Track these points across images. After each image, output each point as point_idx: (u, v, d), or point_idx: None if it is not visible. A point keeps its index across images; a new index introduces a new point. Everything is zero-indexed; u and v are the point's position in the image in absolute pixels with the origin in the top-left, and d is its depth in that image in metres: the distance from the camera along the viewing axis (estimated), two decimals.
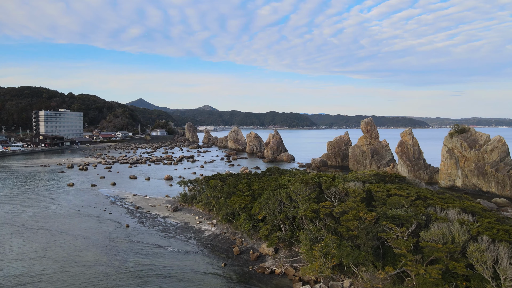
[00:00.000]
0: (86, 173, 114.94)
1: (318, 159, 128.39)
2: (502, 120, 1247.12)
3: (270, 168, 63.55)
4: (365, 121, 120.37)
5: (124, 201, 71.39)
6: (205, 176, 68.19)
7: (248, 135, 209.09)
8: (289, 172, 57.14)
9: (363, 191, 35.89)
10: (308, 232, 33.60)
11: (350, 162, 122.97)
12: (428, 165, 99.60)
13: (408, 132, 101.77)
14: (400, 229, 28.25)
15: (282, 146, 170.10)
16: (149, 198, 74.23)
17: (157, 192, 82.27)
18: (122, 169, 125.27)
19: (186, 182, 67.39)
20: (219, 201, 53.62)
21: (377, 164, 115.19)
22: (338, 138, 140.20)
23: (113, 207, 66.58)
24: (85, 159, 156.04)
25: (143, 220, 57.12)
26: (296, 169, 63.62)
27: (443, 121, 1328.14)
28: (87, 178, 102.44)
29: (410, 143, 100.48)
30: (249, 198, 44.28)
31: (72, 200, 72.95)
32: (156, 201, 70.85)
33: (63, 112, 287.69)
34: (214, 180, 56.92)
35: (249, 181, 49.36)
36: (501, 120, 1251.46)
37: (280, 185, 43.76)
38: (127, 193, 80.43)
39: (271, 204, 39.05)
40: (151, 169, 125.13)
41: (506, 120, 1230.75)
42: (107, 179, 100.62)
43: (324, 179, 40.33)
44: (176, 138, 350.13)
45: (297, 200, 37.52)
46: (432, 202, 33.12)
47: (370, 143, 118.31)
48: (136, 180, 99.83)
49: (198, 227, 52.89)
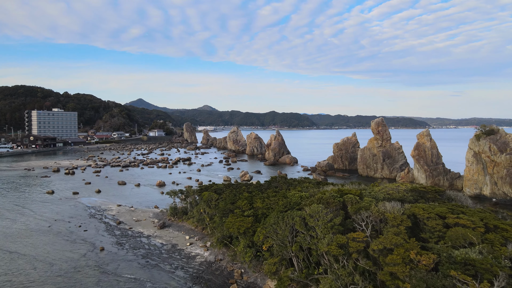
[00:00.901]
0: (71, 178, 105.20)
1: (324, 163, 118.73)
2: (503, 120, 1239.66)
3: (275, 177, 53.59)
4: (376, 122, 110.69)
5: (106, 214, 61.69)
6: (198, 187, 58.59)
7: (248, 136, 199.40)
8: (299, 184, 47.36)
9: (406, 217, 26.29)
10: (334, 277, 24.10)
11: (359, 166, 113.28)
12: (448, 170, 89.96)
13: (426, 133, 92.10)
14: (480, 285, 18.66)
15: (284, 147, 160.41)
16: (134, 210, 64.52)
17: (145, 202, 72.64)
18: (112, 173, 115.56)
19: (177, 192, 57.70)
20: (214, 219, 43.97)
21: (389, 169, 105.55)
22: (345, 140, 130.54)
23: (91, 221, 56.90)
24: (75, 162, 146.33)
25: (122, 241, 47.43)
26: (306, 179, 53.69)
27: (444, 121, 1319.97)
28: (70, 184, 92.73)
29: (428, 146, 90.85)
30: (250, 219, 34.63)
31: (45, 212, 63.25)
32: (142, 214, 61.12)
33: (56, 112, 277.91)
34: (208, 193, 47.25)
35: (251, 196, 39.74)
36: (501, 121, 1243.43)
37: (291, 203, 34.10)
38: (111, 203, 70.72)
39: (280, 231, 29.43)
40: (143, 173, 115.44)
41: (507, 120, 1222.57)
42: (92, 186, 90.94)
43: (349, 197, 30.67)
44: (174, 138, 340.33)
45: (315, 227, 27.90)
46: (509, 235, 23.63)
47: (382, 145, 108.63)
48: (124, 187, 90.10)
49: (188, 251, 43.22)
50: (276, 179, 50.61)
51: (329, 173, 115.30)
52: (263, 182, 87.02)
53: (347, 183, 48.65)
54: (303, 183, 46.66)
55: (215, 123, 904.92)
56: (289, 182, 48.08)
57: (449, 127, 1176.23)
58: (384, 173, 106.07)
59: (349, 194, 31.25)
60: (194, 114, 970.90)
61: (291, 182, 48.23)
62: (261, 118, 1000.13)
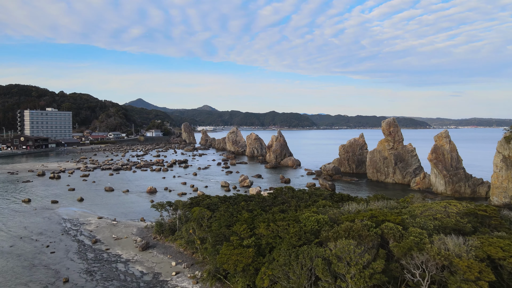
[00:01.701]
0: (55, 183, 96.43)
1: (330, 166, 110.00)
2: (503, 121, 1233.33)
3: (280, 189, 44.31)
4: (387, 122, 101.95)
5: (82, 229, 52.96)
6: (188, 200, 49.83)
7: (248, 136, 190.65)
8: (311, 198, 38.30)
9: (485, 265, 17.66)
10: None
11: (369, 170, 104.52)
12: (470, 176, 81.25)
13: (444, 135, 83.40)
14: None
15: (287, 149, 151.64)
16: (117, 223, 55.77)
17: (131, 213, 63.95)
18: (101, 177, 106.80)
19: (164, 205, 48.98)
20: (205, 243, 35.27)
21: (401, 173, 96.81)
22: (351, 141, 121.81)
23: (63, 240, 48.17)
24: (64, 164, 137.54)
25: (94, 268, 38.69)
26: (317, 190, 44.45)
27: (444, 122, 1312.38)
28: (52, 191, 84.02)
29: (447, 149, 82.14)
30: (251, 252, 25.93)
31: (13, 226, 54.51)
32: (125, 229, 52.36)
33: (50, 112, 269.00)
34: (199, 208, 38.53)
35: (252, 217, 30.98)
36: (502, 121, 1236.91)
37: (305, 231, 25.40)
38: (91, 214, 62.00)
39: (294, 277, 20.76)
40: (135, 178, 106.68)
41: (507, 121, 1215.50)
42: (76, 192, 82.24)
43: (389, 227, 21.99)
44: (172, 139, 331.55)
45: (345, 275, 19.23)
46: None
47: (393, 147, 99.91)
48: (111, 194, 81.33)
49: (173, 283, 34.49)
50: (282, 192, 41.83)
51: (336, 177, 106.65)
52: (264, 187, 78.46)
53: (370, 198, 39.80)
54: (316, 198, 37.79)
55: (214, 123, 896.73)
56: (298, 195, 39.25)
57: (449, 127, 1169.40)
58: (396, 177, 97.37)
59: (388, 223, 22.57)
60: (194, 114, 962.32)
61: (300, 195, 39.38)
62: (261, 118, 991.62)
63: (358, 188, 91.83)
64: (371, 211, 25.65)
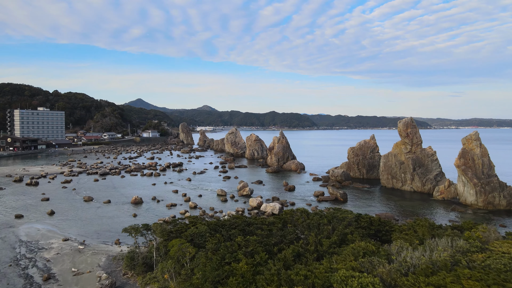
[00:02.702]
0: (30, 191, 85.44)
1: (339, 171, 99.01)
2: (504, 121, 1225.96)
3: (290, 212, 31.90)
4: (405, 122, 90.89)
5: (38, 257, 41.97)
6: (169, 226, 38.74)
7: (248, 137, 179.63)
8: (340, 234, 26.54)
9: None
10: None
11: (383, 175, 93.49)
12: (504, 184, 70.30)
13: (475, 137, 72.41)
14: None
15: (289, 152, 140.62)
16: (83, 248, 44.75)
17: (106, 232, 52.97)
18: (84, 184, 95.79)
19: (139, 229, 37.94)
20: None
21: (421, 180, 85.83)
22: (362, 143, 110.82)
23: (7, 273, 37.20)
24: (48, 168, 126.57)
25: None
26: (340, 213, 32.75)
27: (444, 122, 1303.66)
28: (22, 202, 73.05)
29: (478, 153, 71.17)
30: None
31: None
32: (91, 258, 41.36)
33: (41, 111, 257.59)
34: (180, 242, 27.63)
35: (253, 269, 20.03)
36: (502, 121, 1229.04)
37: None
38: (56, 234, 51.01)
39: None
40: (122, 184, 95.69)
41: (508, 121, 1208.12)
42: (49, 203, 71.27)
43: None
44: (169, 140, 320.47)
45: None
46: None
47: (411, 150, 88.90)
48: (88, 206, 70.30)
49: None
50: (292, 216, 30.43)
51: (345, 183, 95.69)
52: (266, 197, 66.54)
53: (419, 226, 28.45)
54: (340, 227, 26.21)
55: (214, 123, 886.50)
56: (315, 221, 27.83)
57: (450, 127, 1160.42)
58: (414, 185, 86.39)
59: None
60: (194, 114, 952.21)
61: (317, 220, 27.77)
62: (261, 118, 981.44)
63: (372, 197, 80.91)
64: (445, 277, 14.90)
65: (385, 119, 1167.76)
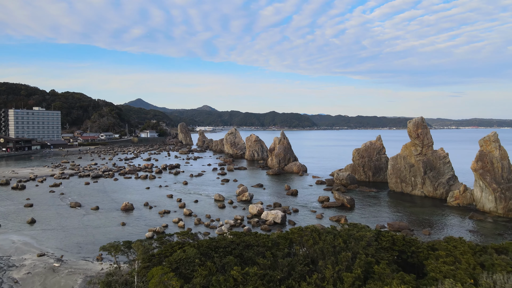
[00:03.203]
0: (15, 195, 79.94)
1: (344, 174, 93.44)
2: (504, 121, 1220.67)
3: (299, 232, 25.91)
4: (415, 122, 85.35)
5: (5, 277, 36.43)
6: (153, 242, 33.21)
7: (248, 138, 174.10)
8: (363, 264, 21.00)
9: None
10: None
11: (391, 179, 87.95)
12: None
13: (493, 138, 66.88)
14: None
15: (291, 153, 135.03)
16: (59, 266, 39.20)
17: (89, 244, 47.40)
18: (73, 187, 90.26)
19: (120, 247, 32.46)
20: None
21: (432, 184, 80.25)
22: (367, 145, 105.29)
23: None
24: (39, 170, 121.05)
25: None
26: (356, 230, 26.90)
27: (444, 122, 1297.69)
28: (3, 208, 67.52)
29: (497, 156, 65.64)
30: None
31: None
32: (66, 279, 35.81)
33: (37, 111, 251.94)
34: (161, 271, 22.14)
35: None
36: (502, 121, 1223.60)
37: None
38: (33, 248, 45.45)
39: None
40: (114, 188, 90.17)
41: (508, 121, 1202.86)
42: (32, 210, 65.77)
43: None
44: (168, 140, 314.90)
45: None
46: None
47: (421, 152, 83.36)
48: (75, 213, 64.73)
49: None
50: (301, 237, 24.79)
51: (351, 187, 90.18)
52: (267, 203, 59.76)
53: (465, 254, 22.80)
54: (359, 252, 20.55)
55: (214, 123, 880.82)
56: (329, 245, 21.95)
57: (450, 127, 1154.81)
58: (426, 189, 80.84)
59: None
60: (193, 114, 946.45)
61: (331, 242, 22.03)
62: (261, 118, 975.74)
63: (380, 203, 75.37)
64: None
65: (386, 119, 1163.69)
